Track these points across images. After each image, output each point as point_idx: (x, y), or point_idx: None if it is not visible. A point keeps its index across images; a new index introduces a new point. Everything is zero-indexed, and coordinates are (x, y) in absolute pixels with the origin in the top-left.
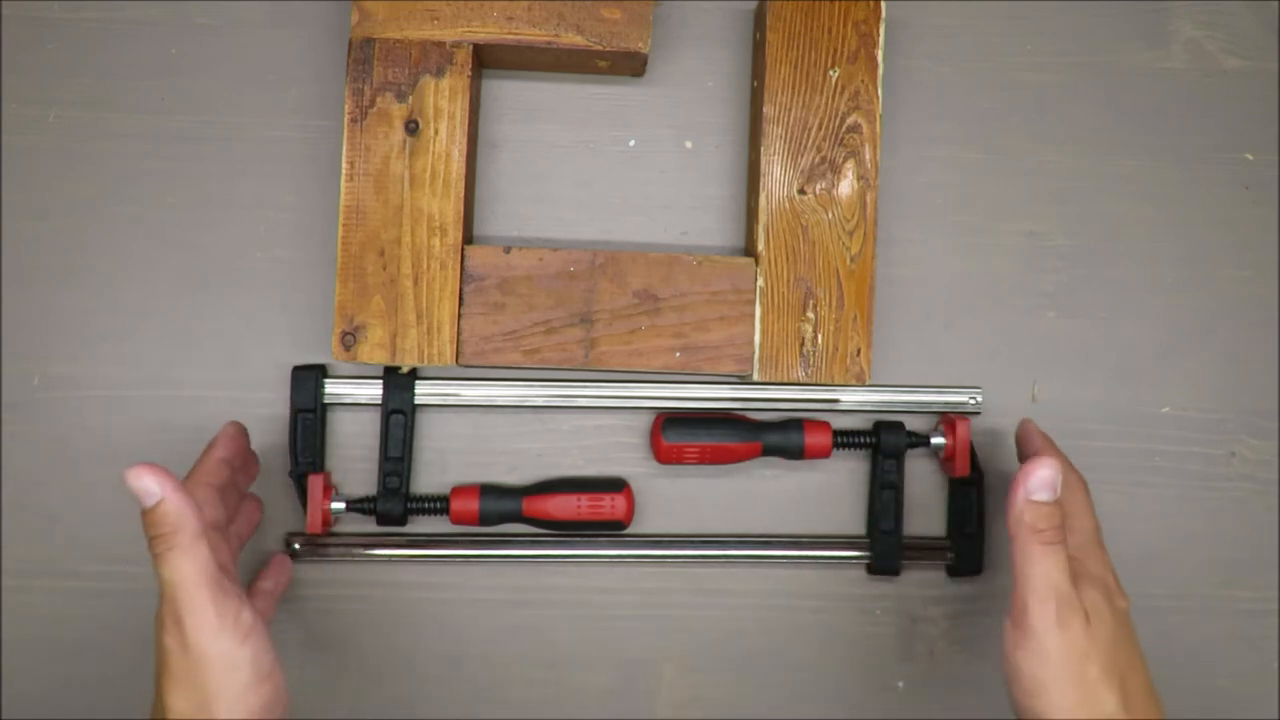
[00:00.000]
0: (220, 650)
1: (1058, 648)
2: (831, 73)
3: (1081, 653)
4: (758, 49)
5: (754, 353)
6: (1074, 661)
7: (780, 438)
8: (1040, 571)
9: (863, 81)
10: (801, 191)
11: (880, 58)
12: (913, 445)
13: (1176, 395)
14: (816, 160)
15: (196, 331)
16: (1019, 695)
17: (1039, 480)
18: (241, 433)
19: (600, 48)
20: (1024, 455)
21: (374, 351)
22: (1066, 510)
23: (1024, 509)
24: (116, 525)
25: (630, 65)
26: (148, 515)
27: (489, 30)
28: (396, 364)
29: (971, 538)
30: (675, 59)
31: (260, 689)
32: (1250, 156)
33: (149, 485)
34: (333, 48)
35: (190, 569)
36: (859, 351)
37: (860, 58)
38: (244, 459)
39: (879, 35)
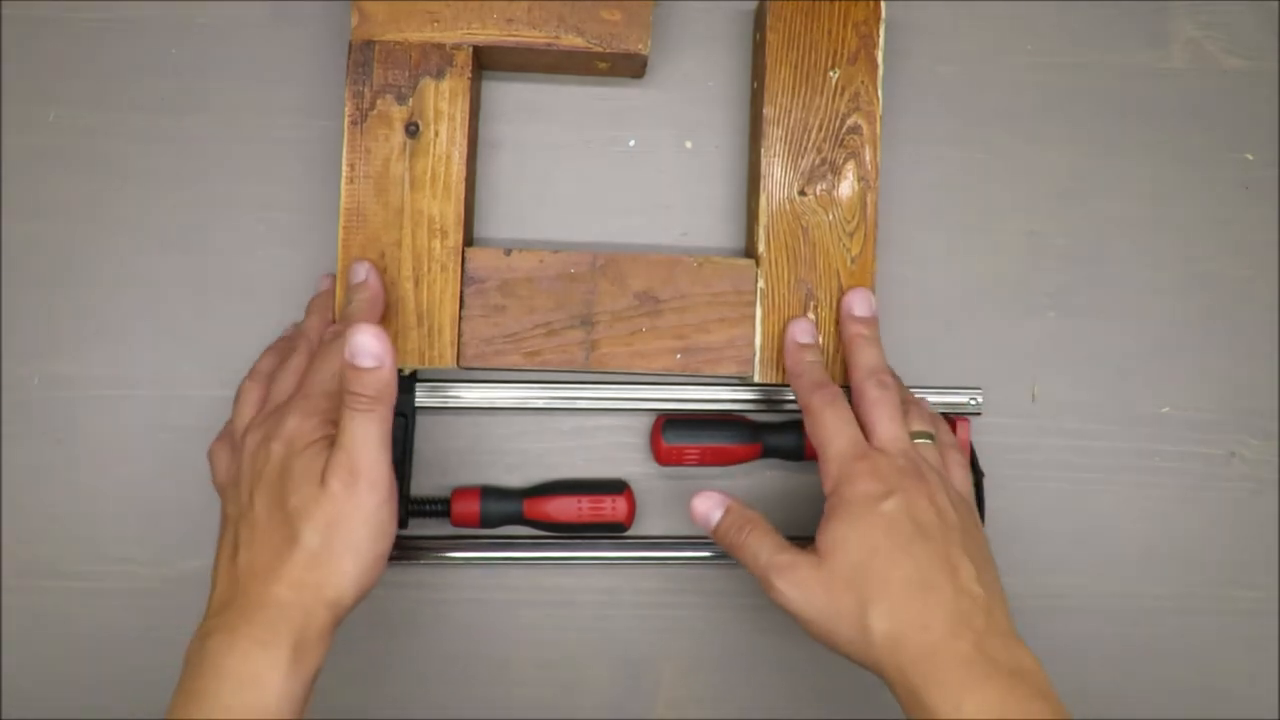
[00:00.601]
0: (376, 500)
1: (800, 605)
2: (831, 74)
3: (823, 592)
4: (757, 50)
5: (755, 354)
6: (822, 604)
7: (781, 439)
8: (747, 560)
9: (863, 83)
10: (802, 193)
11: (880, 59)
12: None
13: (1176, 395)
14: (817, 161)
15: (196, 331)
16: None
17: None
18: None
19: (600, 49)
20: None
21: None
22: (810, 437)
23: (709, 530)
24: (116, 525)
25: (630, 67)
26: (361, 374)
27: (489, 32)
28: (397, 367)
29: None
30: (675, 59)
31: (379, 543)
32: (1250, 156)
33: (374, 348)
34: (333, 48)
35: (380, 432)
36: None
37: (860, 59)
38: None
39: (879, 36)
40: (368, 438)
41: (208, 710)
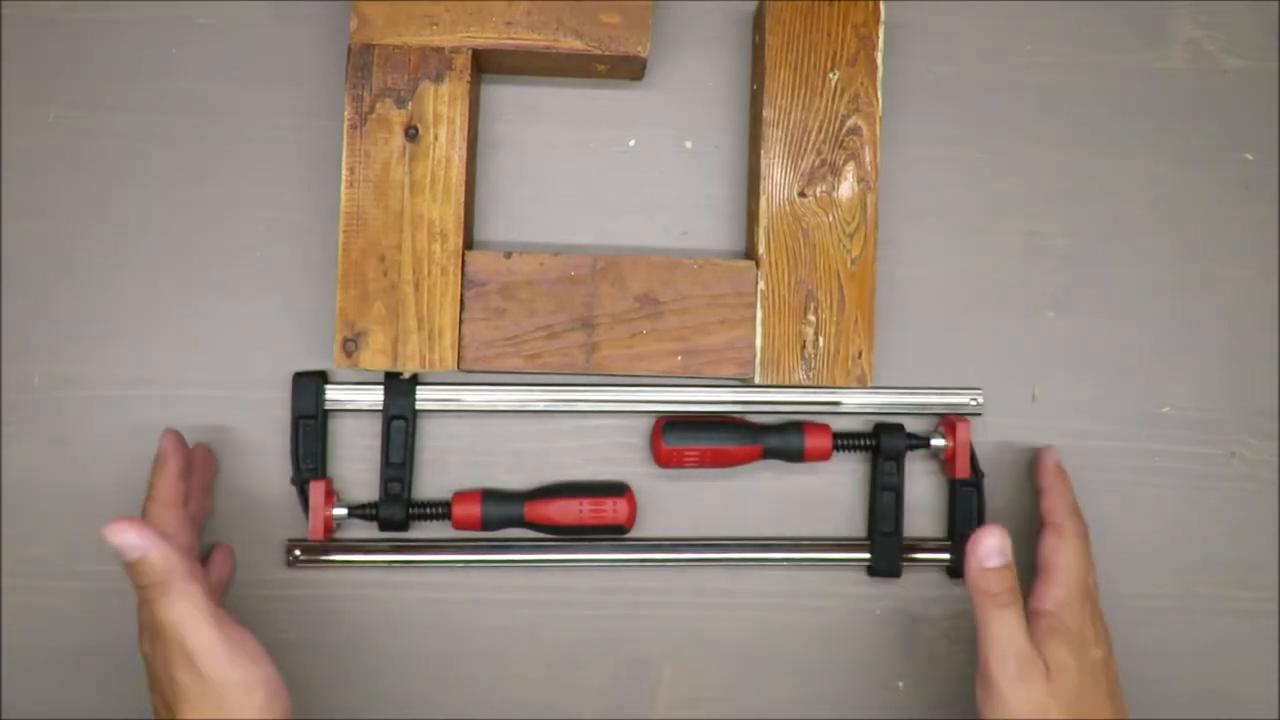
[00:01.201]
0: (238, 677)
1: (1018, 701)
2: (831, 75)
3: (1041, 705)
4: (757, 52)
5: (755, 355)
6: (1034, 713)
7: (780, 441)
8: (996, 633)
9: (862, 84)
10: (802, 194)
11: (880, 60)
12: (913, 447)
13: (1176, 395)
14: (816, 163)
15: (196, 332)
16: None
17: (987, 549)
18: (180, 441)
19: (599, 52)
20: (1035, 484)
21: (375, 357)
22: (1055, 563)
23: (977, 576)
24: None
25: (629, 69)
26: (134, 567)
27: (488, 35)
28: (398, 370)
29: None
30: (675, 59)
31: (276, 701)
32: (1250, 156)
33: (131, 540)
34: (333, 48)
35: (189, 608)
36: (860, 354)
37: (860, 60)
38: (191, 463)
39: (878, 38)
40: (185, 620)
41: None
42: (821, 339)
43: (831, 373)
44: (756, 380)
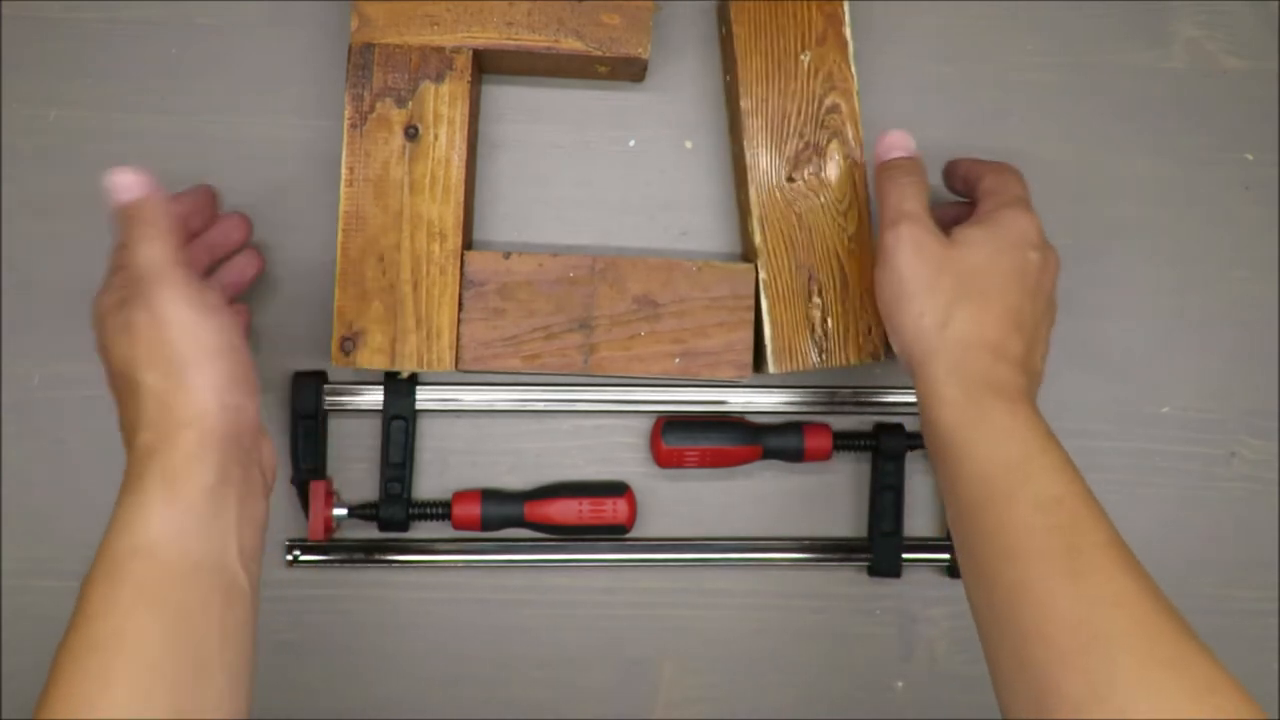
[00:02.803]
0: (188, 317)
1: (907, 264)
2: (803, 57)
3: (934, 266)
4: (725, 44)
5: (766, 346)
6: (925, 274)
7: (780, 441)
8: (888, 201)
9: (835, 61)
10: (790, 179)
11: (849, 35)
12: (913, 447)
13: (1176, 395)
14: (800, 146)
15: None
16: (884, 319)
17: (889, 143)
18: (205, 195)
19: (600, 53)
20: (967, 170)
21: (373, 357)
22: (993, 183)
23: (879, 168)
24: None
25: (630, 70)
26: (126, 208)
27: (488, 36)
28: (396, 369)
29: None
30: (675, 59)
31: (226, 357)
32: (1250, 156)
33: (129, 180)
34: (333, 48)
35: (163, 250)
36: (870, 329)
37: (829, 38)
38: (203, 220)
39: (844, 14)
40: (156, 259)
41: (99, 566)
42: (830, 320)
43: (845, 352)
44: (770, 370)
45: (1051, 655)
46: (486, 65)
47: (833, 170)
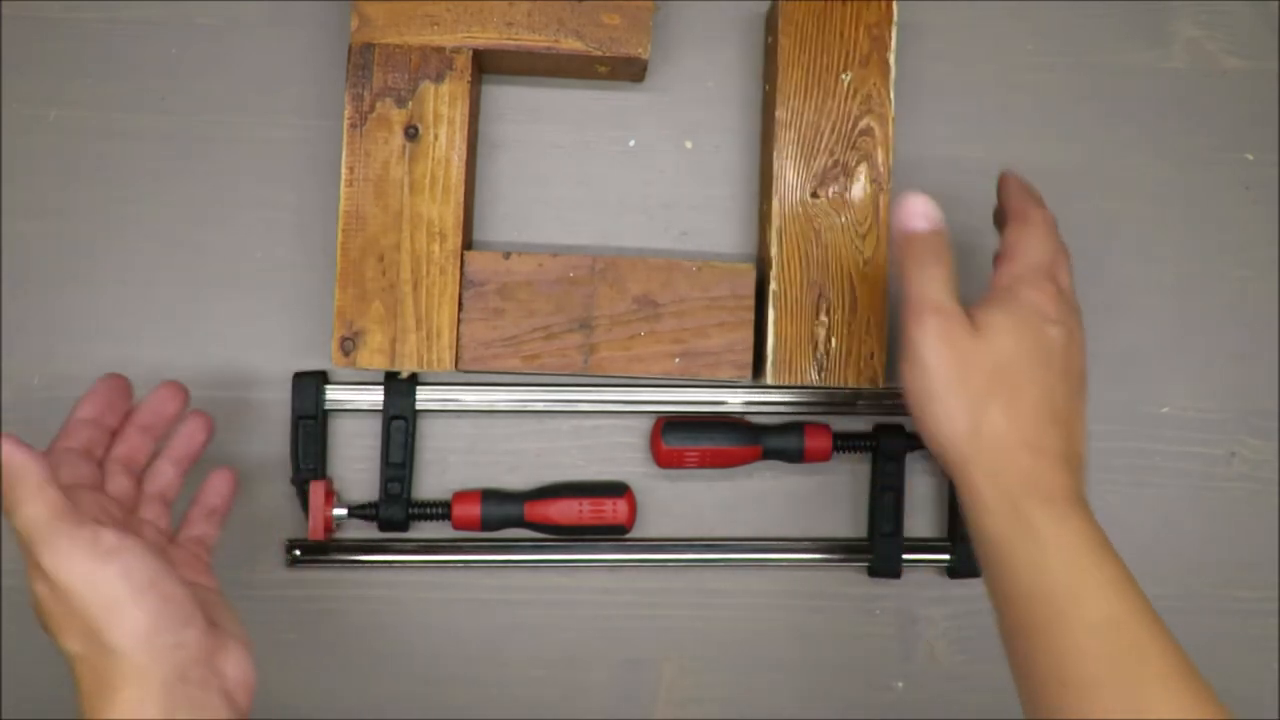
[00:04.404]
0: (81, 574)
1: (936, 358)
2: (844, 76)
3: (962, 361)
4: (769, 53)
5: (768, 356)
6: (954, 371)
7: (780, 441)
8: (912, 288)
9: (875, 85)
10: (814, 195)
11: (892, 61)
12: (913, 448)
13: (1176, 395)
14: (829, 164)
15: (197, 332)
16: (914, 415)
17: (910, 210)
18: (113, 387)
19: (600, 53)
20: (1001, 210)
21: (373, 357)
22: (1015, 246)
23: (900, 239)
24: None
25: (630, 70)
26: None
27: (489, 36)
28: (396, 369)
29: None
30: (675, 59)
31: (142, 600)
32: (1250, 156)
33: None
34: (333, 48)
35: (37, 511)
36: (873, 355)
37: (872, 61)
38: (119, 413)
39: (891, 39)
40: (33, 522)
41: None
42: (834, 339)
43: (844, 373)
44: (768, 380)
45: None
46: (486, 65)
47: (858, 192)
